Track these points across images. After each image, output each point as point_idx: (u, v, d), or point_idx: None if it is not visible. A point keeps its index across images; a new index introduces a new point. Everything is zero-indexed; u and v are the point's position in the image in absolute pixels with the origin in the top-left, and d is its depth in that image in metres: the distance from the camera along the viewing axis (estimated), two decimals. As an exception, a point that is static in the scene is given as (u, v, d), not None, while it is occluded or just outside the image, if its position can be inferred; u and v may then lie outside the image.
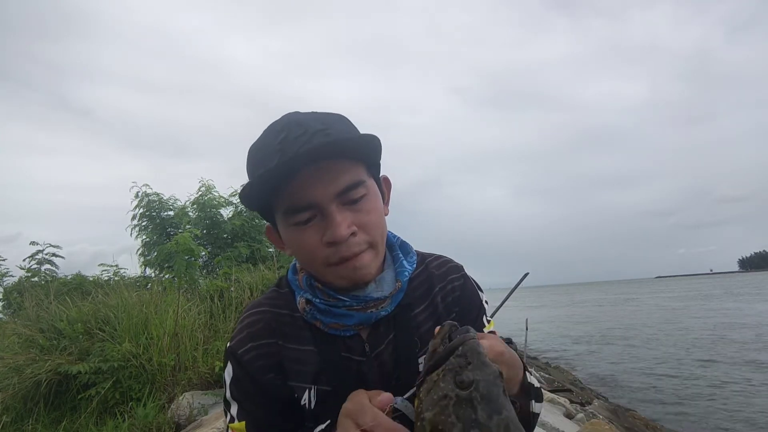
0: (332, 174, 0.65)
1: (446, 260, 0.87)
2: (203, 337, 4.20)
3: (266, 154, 0.66)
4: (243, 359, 0.74)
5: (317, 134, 0.65)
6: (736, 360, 9.99)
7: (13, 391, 3.66)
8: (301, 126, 0.66)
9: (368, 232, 0.69)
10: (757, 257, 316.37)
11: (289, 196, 0.66)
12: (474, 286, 0.87)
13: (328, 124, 0.67)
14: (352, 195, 0.67)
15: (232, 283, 5.20)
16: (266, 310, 0.78)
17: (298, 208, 0.66)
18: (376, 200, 0.71)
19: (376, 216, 0.71)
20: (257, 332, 0.75)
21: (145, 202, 7.10)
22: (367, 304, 0.73)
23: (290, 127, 0.66)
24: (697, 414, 6.69)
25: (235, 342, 0.76)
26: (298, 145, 0.64)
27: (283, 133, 0.65)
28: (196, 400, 3.56)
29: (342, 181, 0.66)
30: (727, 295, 34.14)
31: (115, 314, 4.12)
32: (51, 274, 6.42)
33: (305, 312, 0.75)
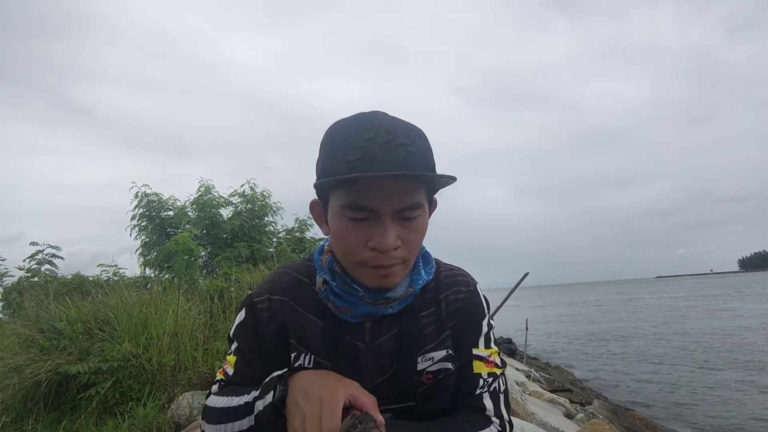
0: (400, 191, 0.69)
1: (459, 272, 0.90)
2: (203, 337, 4.20)
3: (350, 144, 0.69)
4: (256, 307, 0.82)
5: (400, 147, 0.68)
6: (739, 360, 9.99)
7: (12, 391, 3.66)
8: (389, 133, 0.69)
9: (409, 248, 0.74)
10: (757, 257, 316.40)
11: (355, 193, 0.69)
12: (481, 304, 0.88)
13: (412, 138, 0.70)
14: (409, 214, 0.72)
15: (232, 284, 5.20)
16: (290, 272, 0.86)
17: (358, 206, 0.70)
18: (424, 221, 0.76)
19: (421, 236, 0.76)
20: (276, 288, 0.84)
21: (144, 202, 7.10)
22: (377, 300, 0.77)
23: (379, 130, 0.69)
24: (698, 414, 6.69)
25: (254, 292, 0.85)
26: (382, 152, 0.67)
27: (371, 133, 0.68)
28: (196, 400, 3.56)
29: (406, 200, 0.70)
30: (729, 294, 34.14)
31: (114, 314, 4.12)
32: (51, 274, 6.42)
33: (320, 291, 0.81)
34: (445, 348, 0.82)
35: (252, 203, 7.68)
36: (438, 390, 0.81)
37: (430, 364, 0.80)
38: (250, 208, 7.66)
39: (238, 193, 7.81)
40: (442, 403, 0.82)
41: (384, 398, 0.77)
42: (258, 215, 7.67)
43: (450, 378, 0.82)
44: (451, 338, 0.84)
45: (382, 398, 0.77)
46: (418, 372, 0.80)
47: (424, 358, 0.80)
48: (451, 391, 0.82)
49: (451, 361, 0.82)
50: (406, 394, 0.79)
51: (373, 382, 0.79)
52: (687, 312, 22.10)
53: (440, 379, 0.81)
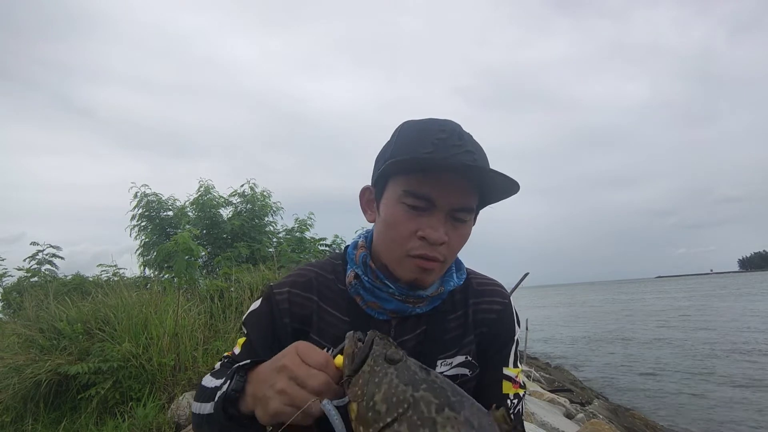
0: (462, 191, 0.73)
1: (494, 283, 0.91)
2: (203, 337, 4.20)
3: (423, 139, 0.73)
4: (274, 298, 0.82)
5: (468, 153, 0.72)
6: (740, 360, 9.99)
7: (12, 391, 3.66)
8: (461, 138, 0.74)
9: (451, 250, 0.76)
10: (757, 257, 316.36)
11: (419, 183, 0.72)
12: (513, 320, 0.88)
13: (477, 148, 0.75)
14: (461, 216, 0.75)
15: (232, 284, 5.19)
16: (313, 270, 0.86)
17: (420, 195, 0.72)
18: (470, 230, 0.79)
19: (462, 242, 0.78)
20: (300, 283, 0.83)
21: (144, 202, 7.10)
22: (408, 298, 0.79)
23: (452, 133, 0.74)
24: (698, 414, 6.69)
25: (275, 284, 0.85)
26: (453, 152, 0.71)
27: (444, 134, 0.73)
28: (196, 400, 3.56)
29: (463, 201, 0.74)
30: (731, 294, 34.12)
31: (114, 314, 4.12)
32: (51, 274, 6.42)
33: (350, 285, 0.81)
34: (465, 354, 0.82)
35: (252, 203, 7.68)
36: None
37: (448, 368, 0.80)
38: (250, 208, 7.66)
39: (238, 193, 7.81)
40: None
41: None
42: (258, 215, 7.67)
43: (465, 385, 0.81)
44: (475, 345, 0.83)
45: None
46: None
47: (444, 362, 0.81)
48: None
49: (469, 368, 0.82)
50: None
51: None
52: (688, 312, 22.10)
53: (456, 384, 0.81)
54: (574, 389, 7.28)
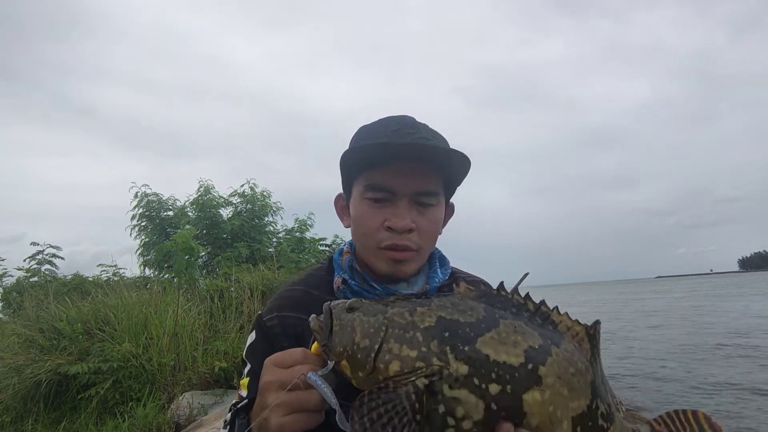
0: (419, 175, 0.75)
1: (479, 280, 0.92)
2: (203, 337, 4.20)
3: (377, 133, 0.76)
4: (265, 325, 0.81)
5: (422, 139, 0.74)
6: (742, 360, 9.97)
7: (13, 391, 3.66)
8: (414, 128, 0.76)
9: (422, 236, 0.77)
10: (757, 257, 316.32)
11: (377, 175, 0.75)
12: None
13: (434, 136, 0.77)
14: (425, 200, 0.76)
15: (232, 283, 5.19)
16: (298, 288, 0.86)
17: (379, 187, 0.75)
18: (439, 215, 0.80)
19: (434, 227, 0.79)
20: (285, 305, 0.83)
21: (144, 202, 7.10)
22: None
23: (405, 124, 0.76)
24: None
25: (263, 312, 0.84)
26: (407, 139, 0.74)
27: (396, 126, 0.76)
28: (195, 400, 3.55)
29: (423, 184, 0.75)
30: (732, 294, 34.10)
31: (114, 314, 4.12)
32: (51, 274, 6.42)
33: (339, 291, 0.81)
34: None
35: (252, 203, 7.67)
36: None
37: None
38: (250, 208, 7.65)
39: (238, 193, 7.81)
40: None
41: None
42: (258, 215, 7.66)
43: None
44: None
45: None
46: None
47: None
48: None
49: None
50: None
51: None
52: (689, 312, 22.09)
53: None
54: (573, 389, 7.27)
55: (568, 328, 0.55)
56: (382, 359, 0.49)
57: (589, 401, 0.51)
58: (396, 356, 0.49)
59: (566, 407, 0.49)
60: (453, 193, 0.85)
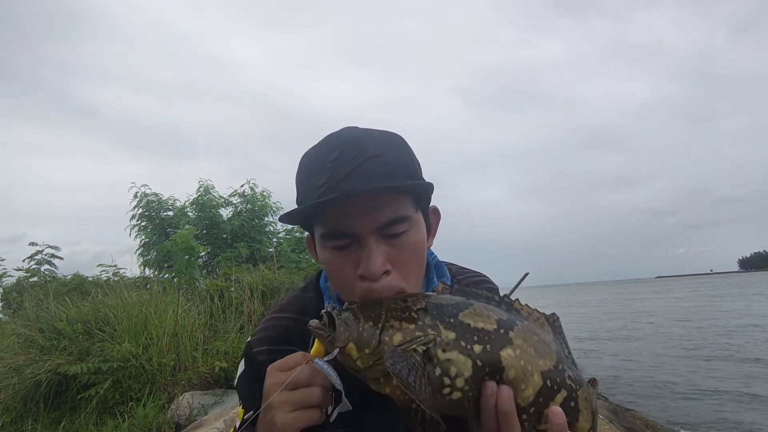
0: (377, 206, 0.63)
1: (482, 279, 0.88)
2: (203, 337, 4.20)
3: (318, 168, 0.64)
4: (255, 359, 0.75)
5: (371, 160, 0.63)
6: (743, 361, 9.97)
7: (12, 391, 3.66)
8: (357, 148, 0.63)
9: (404, 271, 0.66)
10: (757, 257, 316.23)
11: (331, 221, 0.65)
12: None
13: (384, 148, 0.65)
14: (394, 230, 0.64)
15: (232, 284, 5.19)
16: (289, 316, 0.78)
17: (337, 234, 0.65)
18: (418, 236, 0.68)
19: (415, 255, 0.68)
20: (274, 337, 0.76)
21: (144, 202, 7.10)
22: None
23: (345, 146, 0.64)
24: (699, 414, 6.68)
25: (253, 341, 0.78)
26: (351, 169, 0.62)
27: (337, 152, 0.64)
28: (195, 400, 3.55)
29: (385, 215, 0.63)
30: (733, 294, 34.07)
31: (114, 314, 4.12)
32: (50, 274, 6.41)
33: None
34: None
35: (252, 203, 7.67)
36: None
37: None
38: (250, 208, 7.66)
39: (238, 193, 7.81)
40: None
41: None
42: (258, 215, 7.67)
43: None
44: None
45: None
46: None
47: None
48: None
49: None
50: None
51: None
52: (689, 312, 22.08)
53: None
54: (574, 389, 7.26)
55: (529, 314, 0.65)
56: (387, 333, 0.57)
57: (554, 363, 0.61)
58: (398, 329, 0.58)
59: (535, 363, 0.59)
60: (429, 201, 0.73)
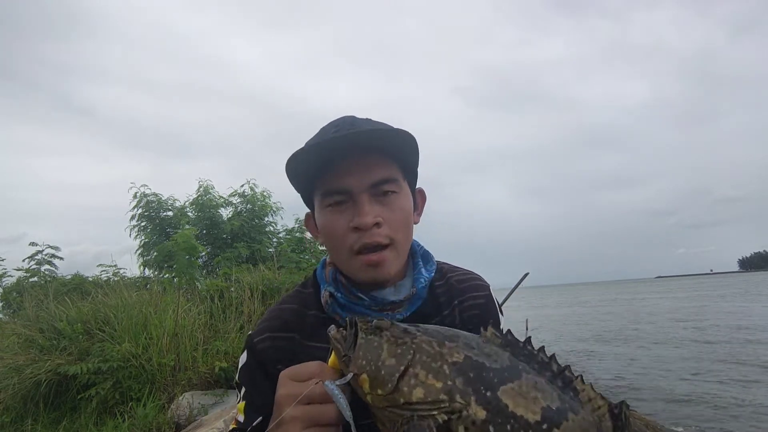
0: (369, 166, 0.72)
1: (472, 276, 0.89)
2: (203, 338, 4.19)
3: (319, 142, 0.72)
4: (257, 348, 0.78)
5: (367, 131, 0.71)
6: (743, 361, 9.96)
7: (12, 391, 3.66)
8: (353, 124, 0.73)
9: (392, 227, 0.73)
10: (757, 257, 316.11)
11: (329, 180, 0.73)
12: (496, 308, 0.87)
13: (380, 125, 0.75)
14: (385, 188, 0.73)
15: (232, 284, 5.19)
16: (288, 307, 0.82)
17: (333, 190, 0.73)
18: (405, 201, 0.76)
19: (403, 216, 0.75)
20: (276, 326, 0.80)
21: (143, 202, 7.09)
22: (384, 306, 0.76)
23: (344, 124, 0.74)
24: (699, 415, 6.68)
25: (254, 332, 0.81)
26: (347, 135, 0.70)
27: (335, 128, 0.73)
28: (195, 400, 3.55)
29: (376, 173, 0.72)
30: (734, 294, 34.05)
31: (114, 314, 4.12)
32: (50, 274, 6.41)
33: (327, 305, 0.78)
34: None
35: (252, 203, 7.67)
36: None
37: None
38: (250, 208, 7.65)
39: (237, 193, 7.80)
40: None
41: None
42: (258, 215, 7.66)
43: None
44: None
45: None
46: None
47: None
48: None
49: None
50: None
51: None
52: (690, 312, 22.07)
53: None
54: (574, 389, 7.26)
55: (590, 399, 0.53)
56: (407, 382, 0.50)
57: None
58: (422, 383, 0.49)
59: None
60: (415, 177, 0.82)
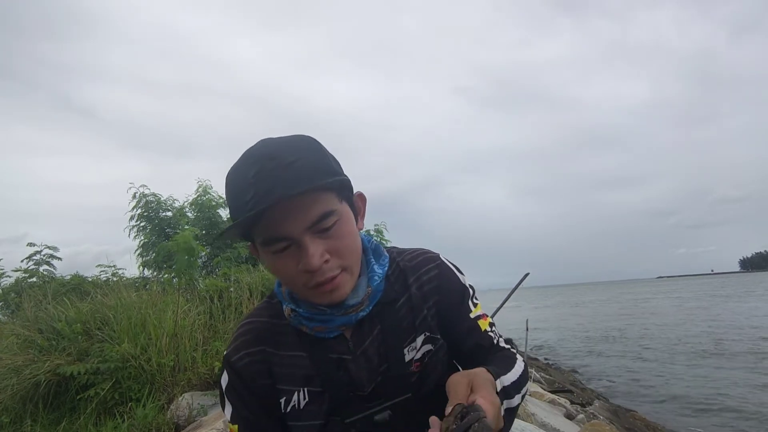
0: (303, 208, 0.69)
1: (420, 252, 0.90)
2: (202, 338, 4.19)
3: (241, 186, 0.69)
4: (236, 366, 0.80)
5: (289, 167, 0.68)
6: (744, 361, 9.95)
7: (11, 391, 3.65)
8: (273, 159, 0.68)
9: (341, 256, 0.73)
10: (758, 257, 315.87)
11: (265, 229, 0.70)
12: (452, 271, 0.89)
13: (299, 153, 0.70)
14: (324, 224, 0.70)
15: (231, 284, 5.18)
16: (257, 320, 0.84)
17: (273, 239, 0.71)
18: (348, 224, 0.75)
19: (349, 240, 0.74)
20: (249, 341, 0.81)
21: (143, 203, 7.09)
22: (347, 310, 0.77)
23: (263, 159, 0.69)
24: (699, 415, 6.67)
25: (230, 350, 0.82)
26: (271, 181, 0.67)
27: (256, 166, 0.68)
28: (195, 400, 3.55)
29: (312, 213, 0.69)
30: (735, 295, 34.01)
31: (113, 315, 4.11)
32: (49, 274, 6.39)
33: (291, 318, 0.80)
34: (423, 332, 0.83)
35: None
36: (428, 373, 0.82)
37: (415, 353, 0.81)
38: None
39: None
40: (435, 381, 0.82)
41: (379, 397, 0.78)
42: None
43: (434, 358, 0.83)
44: (431, 318, 0.84)
45: (378, 397, 0.78)
46: (407, 364, 0.80)
47: (410, 348, 0.81)
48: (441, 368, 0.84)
49: (432, 342, 0.83)
50: (400, 388, 0.79)
51: (369, 387, 0.79)
52: (693, 312, 22.05)
53: (426, 363, 0.82)
54: (574, 390, 7.27)
55: None
56: None
57: None
58: None
59: None
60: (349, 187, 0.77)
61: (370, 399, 0.78)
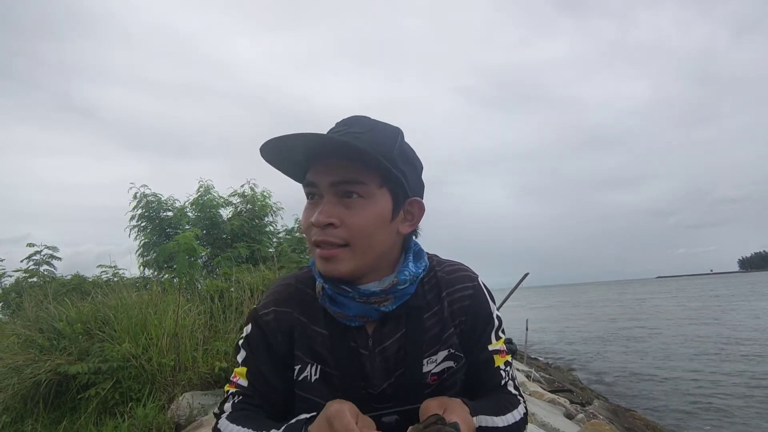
0: (339, 166, 0.72)
1: (459, 267, 0.89)
2: (203, 338, 4.19)
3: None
4: (262, 320, 0.82)
5: (350, 133, 0.74)
6: (744, 361, 9.95)
7: (12, 391, 3.66)
8: (347, 124, 0.77)
9: (350, 230, 0.72)
10: (757, 257, 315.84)
11: (309, 173, 0.76)
12: (486, 297, 0.87)
13: (372, 133, 0.75)
14: (345, 188, 0.72)
15: (232, 284, 5.19)
16: (293, 283, 0.86)
17: (307, 182, 0.76)
18: (373, 209, 0.74)
19: (365, 222, 0.73)
20: (281, 300, 0.84)
21: (143, 203, 7.09)
22: (369, 299, 0.76)
23: (342, 124, 0.77)
24: (699, 415, 6.68)
25: (260, 305, 0.85)
26: (333, 134, 0.75)
27: (334, 126, 0.78)
28: (196, 400, 3.55)
29: (342, 173, 0.72)
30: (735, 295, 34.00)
31: (114, 314, 4.12)
32: (50, 274, 6.40)
33: (320, 296, 0.81)
34: (447, 348, 0.82)
35: (252, 203, 7.67)
36: (443, 389, 0.81)
37: (434, 366, 0.81)
38: (250, 208, 7.65)
39: (238, 193, 7.81)
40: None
41: (389, 401, 0.78)
42: (258, 215, 7.67)
43: (454, 376, 0.82)
44: (456, 336, 0.83)
45: (387, 401, 0.78)
46: (423, 374, 0.80)
47: (429, 360, 0.80)
48: (456, 388, 0.83)
49: (454, 360, 0.82)
50: (412, 396, 0.79)
51: (379, 387, 0.79)
52: (693, 312, 22.05)
53: (444, 379, 0.82)
54: (574, 389, 7.27)
55: None
56: None
57: None
58: None
59: None
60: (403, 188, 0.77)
61: (379, 399, 0.78)
